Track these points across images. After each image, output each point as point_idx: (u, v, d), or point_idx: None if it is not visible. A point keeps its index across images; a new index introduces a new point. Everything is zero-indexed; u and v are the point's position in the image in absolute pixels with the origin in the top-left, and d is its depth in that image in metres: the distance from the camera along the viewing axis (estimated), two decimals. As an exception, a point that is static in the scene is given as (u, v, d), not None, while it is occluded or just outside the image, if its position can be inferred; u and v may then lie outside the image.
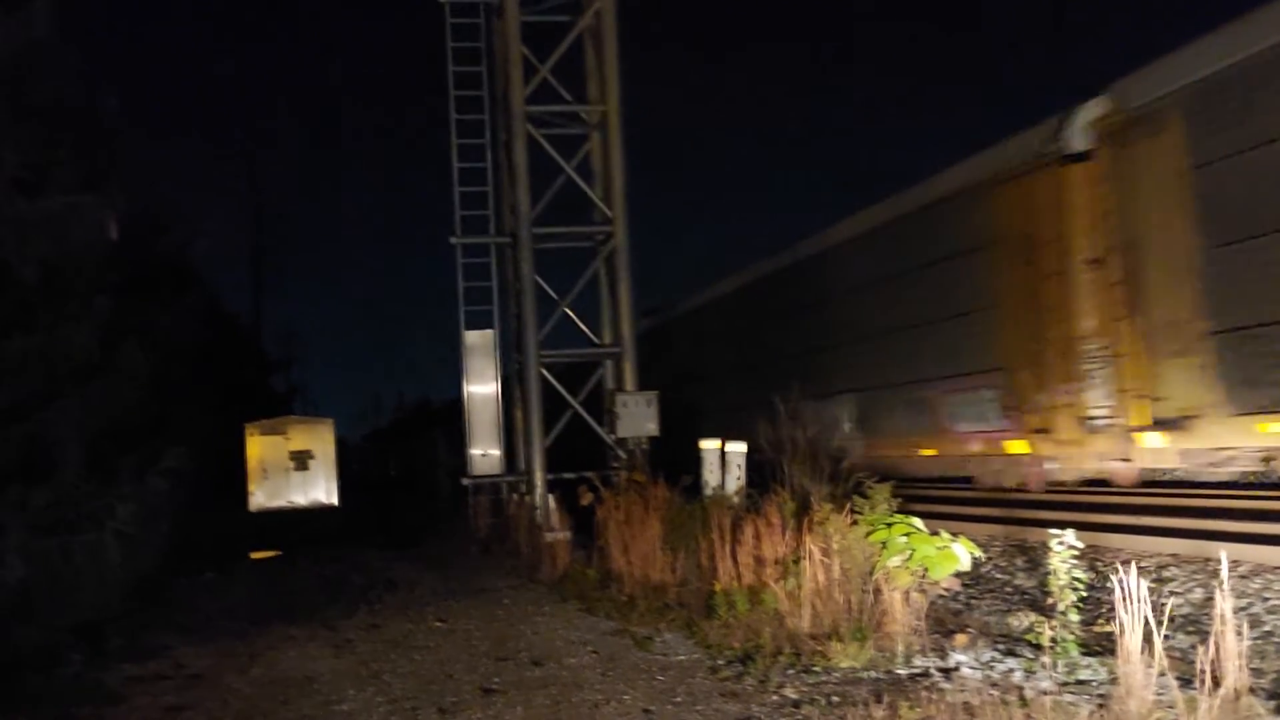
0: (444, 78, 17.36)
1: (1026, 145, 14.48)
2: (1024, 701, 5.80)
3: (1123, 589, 5.61)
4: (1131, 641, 5.54)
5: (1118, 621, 5.62)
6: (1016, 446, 14.76)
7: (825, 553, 8.30)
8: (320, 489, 32.15)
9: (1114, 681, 5.80)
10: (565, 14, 17.19)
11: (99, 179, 9.96)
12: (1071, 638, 6.75)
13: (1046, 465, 14.33)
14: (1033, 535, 11.55)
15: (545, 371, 16.70)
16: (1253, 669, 5.83)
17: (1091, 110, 13.42)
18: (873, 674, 7.12)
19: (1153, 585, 8.82)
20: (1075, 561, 6.81)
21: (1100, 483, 14.17)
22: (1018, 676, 6.73)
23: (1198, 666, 5.34)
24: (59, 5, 9.83)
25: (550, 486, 16.14)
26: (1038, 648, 6.88)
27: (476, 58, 17.42)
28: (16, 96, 9.67)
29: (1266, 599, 8.41)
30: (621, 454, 16.41)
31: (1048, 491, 14.37)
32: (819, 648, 7.55)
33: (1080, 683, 6.44)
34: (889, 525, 7.90)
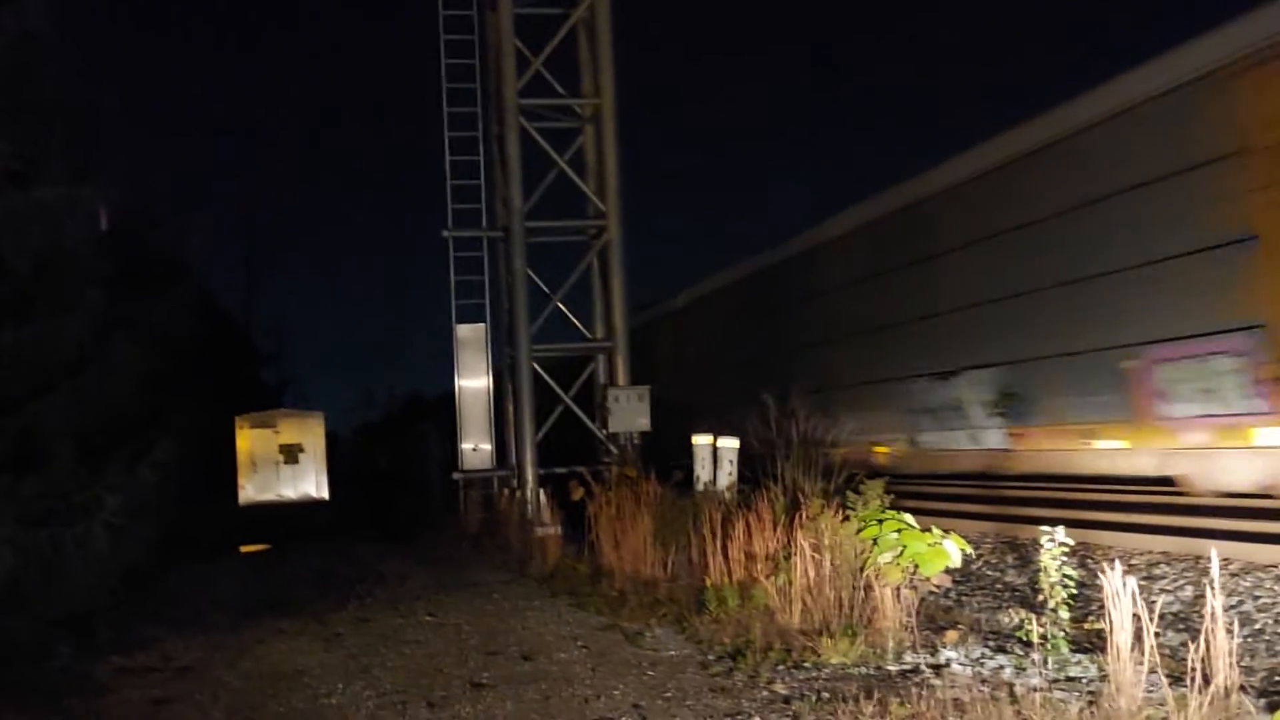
0: (437, 71, 17.34)
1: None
2: (1014, 698, 5.81)
3: (1113, 586, 5.61)
4: (1122, 639, 5.54)
5: (1108, 619, 5.63)
6: (1276, 435, 10.91)
7: (816, 549, 8.31)
8: (310, 482, 32.10)
9: (1104, 678, 5.80)
10: (559, 6, 17.16)
11: (93, 171, 9.94)
12: (1062, 635, 6.76)
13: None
14: (1024, 532, 11.56)
15: (537, 366, 16.69)
16: (1243, 667, 5.84)
17: None
18: (863, 670, 7.13)
19: (1143, 583, 8.81)
20: (1066, 559, 6.82)
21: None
22: (1008, 673, 6.75)
23: (1188, 664, 5.35)
24: None
25: (541, 481, 16.12)
26: (1028, 644, 6.89)
27: (469, 50, 17.39)
28: (10, 89, 9.63)
29: (1257, 597, 8.44)
30: (613, 449, 16.41)
31: (1037, 488, 14.33)
32: (809, 644, 7.56)
33: (1070, 680, 6.45)
34: (880, 521, 7.91)
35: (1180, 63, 11.85)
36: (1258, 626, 7.77)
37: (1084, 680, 6.40)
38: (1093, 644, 6.81)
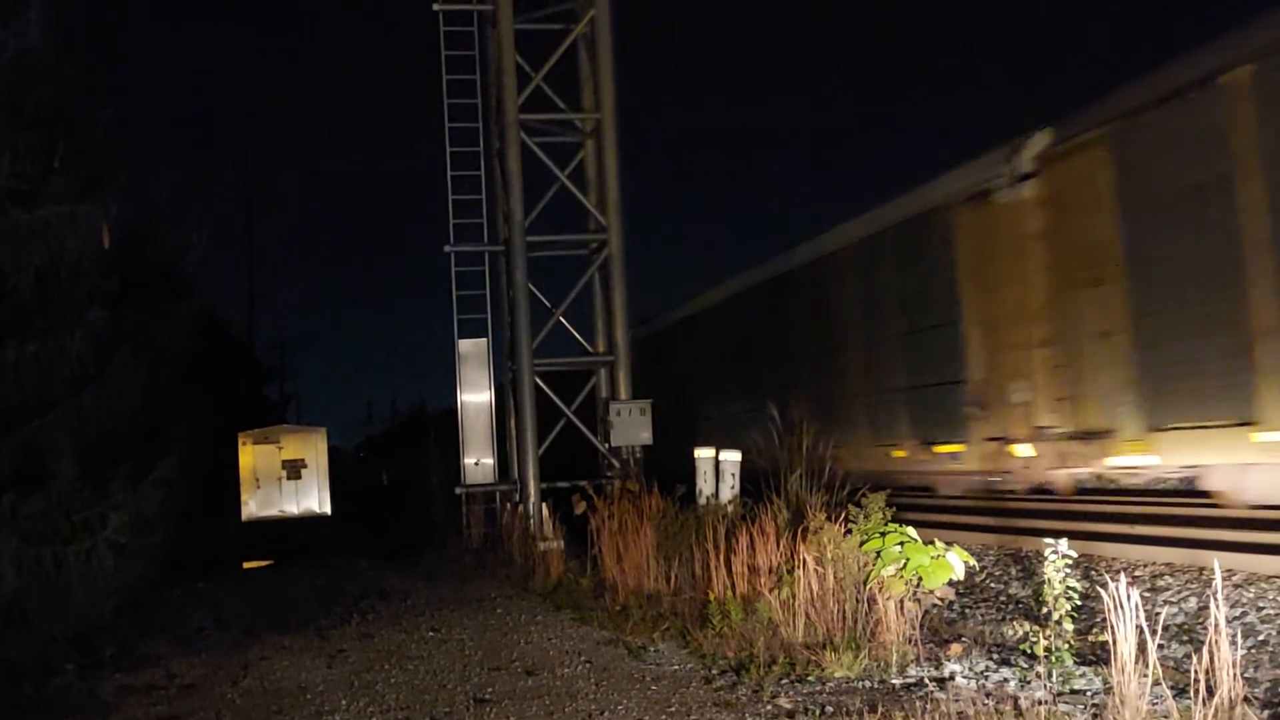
0: (438, 86, 17.38)
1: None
2: (1018, 711, 5.81)
3: (1116, 598, 5.61)
4: (1125, 651, 5.54)
5: (1111, 631, 5.63)
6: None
7: (819, 562, 8.30)
8: (313, 498, 32.13)
9: (1108, 691, 5.80)
10: (559, 22, 17.21)
11: (94, 187, 9.95)
12: (1066, 647, 6.75)
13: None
14: (1027, 544, 11.56)
15: (539, 380, 16.69)
16: (1247, 678, 5.84)
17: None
18: (867, 684, 7.12)
19: (1146, 594, 8.83)
20: (1069, 570, 6.81)
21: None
22: (1012, 686, 6.74)
23: (1192, 676, 5.34)
24: (55, 14, 9.83)
25: (544, 495, 16.12)
26: (1032, 657, 6.89)
27: (471, 66, 17.42)
28: (11, 105, 9.65)
29: (1260, 608, 8.42)
30: (615, 463, 16.40)
31: (1039, 500, 14.36)
32: (813, 657, 7.55)
33: (1075, 692, 6.44)
34: (883, 534, 7.90)
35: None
36: (1261, 638, 7.75)
37: (1088, 693, 6.40)
38: (1097, 656, 6.80)
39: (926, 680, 7.06)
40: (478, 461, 17.50)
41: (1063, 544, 6.78)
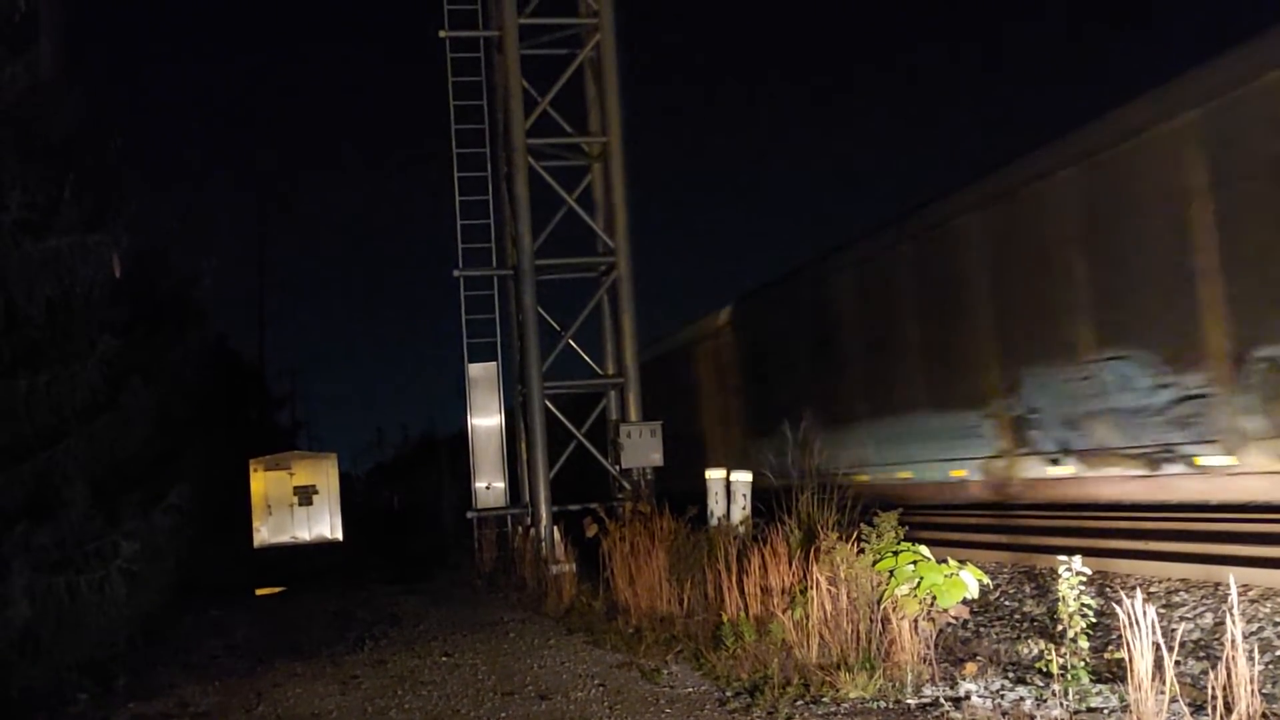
0: (445, 111, 17.47)
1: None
2: (1035, 730, 5.77)
3: (1132, 615, 5.59)
4: (1142, 668, 5.51)
5: (1128, 648, 5.60)
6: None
7: (832, 582, 8.27)
8: (325, 524, 32.13)
9: (1125, 709, 5.77)
10: (565, 47, 17.29)
11: (104, 217, 10.01)
12: (1082, 665, 6.71)
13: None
14: (1041, 561, 11.50)
15: (549, 403, 16.70)
16: (1264, 694, 5.80)
17: None
18: (882, 704, 7.09)
19: (1162, 611, 8.77)
20: (1084, 587, 6.78)
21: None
22: (1028, 705, 6.70)
23: (1209, 692, 5.32)
24: (64, 45, 9.92)
25: (555, 518, 16.11)
26: (1048, 675, 6.85)
27: (477, 91, 17.52)
28: (22, 137, 9.73)
29: (1277, 623, 8.36)
30: (626, 485, 16.39)
31: (1052, 516, 14.31)
32: (827, 678, 7.52)
33: (1091, 710, 6.41)
34: (896, 554, 7.88)
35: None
36: (1279, 653, 7.71)
37: (1105, 710, 6.36)
38: (1113, 674, 6.76)
39: (942, 700, 7.03)
40: (489, 485, 17.52)
41: (1076, 561, 6.76)
